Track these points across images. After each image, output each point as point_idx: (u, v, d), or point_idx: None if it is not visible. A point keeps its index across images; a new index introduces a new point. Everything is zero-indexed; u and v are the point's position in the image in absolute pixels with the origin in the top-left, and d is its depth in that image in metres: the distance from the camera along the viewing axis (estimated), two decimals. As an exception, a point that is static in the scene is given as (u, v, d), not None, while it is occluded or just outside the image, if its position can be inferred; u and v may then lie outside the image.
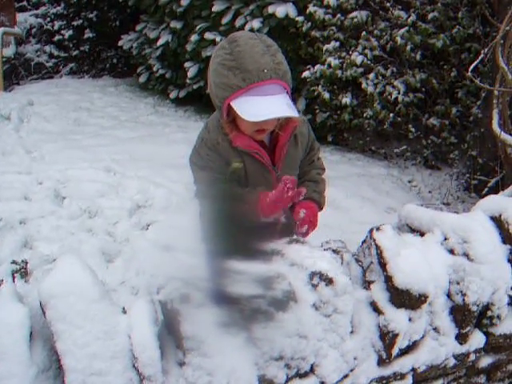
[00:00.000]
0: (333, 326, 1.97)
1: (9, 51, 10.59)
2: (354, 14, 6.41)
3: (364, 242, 2.23)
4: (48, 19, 11.71)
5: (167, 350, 1.87)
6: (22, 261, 3.51)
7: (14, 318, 1.83)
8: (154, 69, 9.25)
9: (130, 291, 3.85)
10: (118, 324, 1.82)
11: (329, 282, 1.93)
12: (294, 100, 7.34)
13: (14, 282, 3.34)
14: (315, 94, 6.73)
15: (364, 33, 6.45)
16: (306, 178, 2.57)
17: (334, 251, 2.16)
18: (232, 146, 2.20)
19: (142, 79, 10.01)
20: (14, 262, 3.43)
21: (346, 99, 6.52)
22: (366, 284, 2.15)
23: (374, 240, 2.14)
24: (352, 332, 2.05)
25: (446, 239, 2.26)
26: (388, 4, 6.42)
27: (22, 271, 3.38)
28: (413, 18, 6.22)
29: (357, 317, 2.06)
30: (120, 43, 10.28)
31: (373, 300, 2.10)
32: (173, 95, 9.14)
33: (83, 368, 1.76)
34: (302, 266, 1.97)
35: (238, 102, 2.03)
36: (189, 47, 8.04)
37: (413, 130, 6.71)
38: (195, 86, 8.26)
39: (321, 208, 2.56)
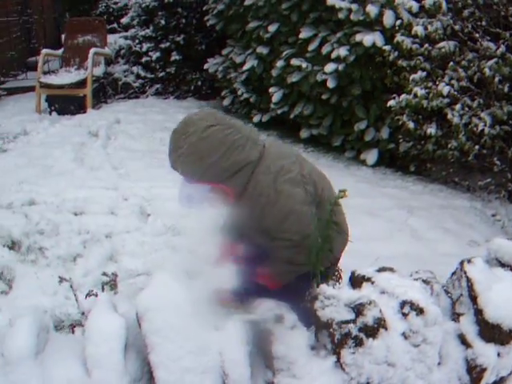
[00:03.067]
0: (421, 356, 1.97)
1: (98, 71, 10.95)
2: (442, 44, 6.36)
3: (454, 273, 2.22)
4: (137, 41, 12.04)
5: (256, 368, 1.91)
6: (112, 273, 3.63)
7: (111, 328, 1.90)
8: (239, 93, 9.37)
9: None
10: (211, 340, 1.87)
11: (419, 311, 1.94)
12: (377, 129, 7.34)
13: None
14: (399, 123, 6.71)
15: (451, 63, 6.40)
16: None
17: (424, 281, 2.16)
18: None
19: (225, 102, 10.15)
20: (104, 274, 3.55)
21: (431, 129, 6.47)
22: (455, 316, 2.14)
23: (465, 272, 2.13)
24: (439, 363, 2.04)
25: (539, 275, 2.23)
26: (477, 35, 6.36)
27: (111, 283, 3.49)
28: (502, 49, 6.13)
29: (444, 348, 2.05)
30: (206, 66, 10.48)
31: (461, 333, 2.09)
32: (256, 119, 9.23)
33: (175, 381, 1.82)
34: (392, 295, 1.99)
35: None
36: (274, 73, 8.14)
37: (498, 162, 6.59)
38: (279, 111, 8.34)
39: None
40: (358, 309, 1.89)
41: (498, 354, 2.06)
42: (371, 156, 7.43)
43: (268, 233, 2.45)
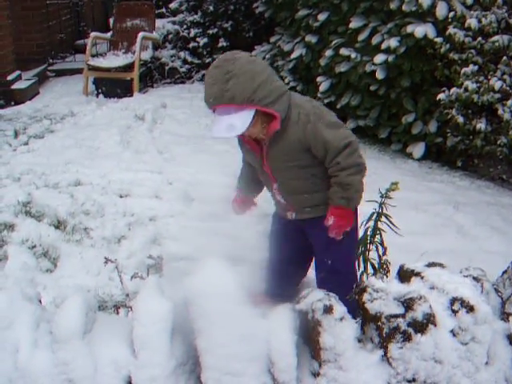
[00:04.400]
0: (468, 355, 1.93)
1: (146, 55, 10.99)
2: (496, 37, 6.23)
3: (505, 272, 2.19)
4: (185, 26, 12.03)
5: (302, 359, 1.90)
6: (158, 256, 3.65)
7: (161, 310, 1.91)
8: (286, 81, 9.29)
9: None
10: (258, 328, 1.87)
11: (470, 309, 1.90)
12: (425, 123, 7.24)
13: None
14: (448, 117, 6.61)
15: (504, 58, 6.27)
16: (334, 180, 2.90)
17: (475, 278, 2.12)
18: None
19: (272, 90, 10.09)
20: (150, 257, 3.57)
21: (481, 125, 6.35)
22: (505, 316, 2.10)
23: (517, 271, 2.09)
24: (487, 363, 2.00)
25: None
26: (532, 29, 6.23)
27: (156, 266, 3.51)
28: (558, 45, 6.01)
29: (492, 348, 2.02)
30: (253, 53, 10.44)
31: (510, 333, 2.05)
32: (302, 107, 9.16)
33: (221, 367, 1.82)
34: (442, 290, 1.96)
35: None
36: (322, 62, 8.07)
37: (548, 161, 6.47)
38: (326, 101, 8.26)
39: (351, 207, 2.94)
40: (408, 303, 1.87)
41: (548, 357, 2.02)
42: (418, 149, 7.32)
43: (320, 149, 2.85)
